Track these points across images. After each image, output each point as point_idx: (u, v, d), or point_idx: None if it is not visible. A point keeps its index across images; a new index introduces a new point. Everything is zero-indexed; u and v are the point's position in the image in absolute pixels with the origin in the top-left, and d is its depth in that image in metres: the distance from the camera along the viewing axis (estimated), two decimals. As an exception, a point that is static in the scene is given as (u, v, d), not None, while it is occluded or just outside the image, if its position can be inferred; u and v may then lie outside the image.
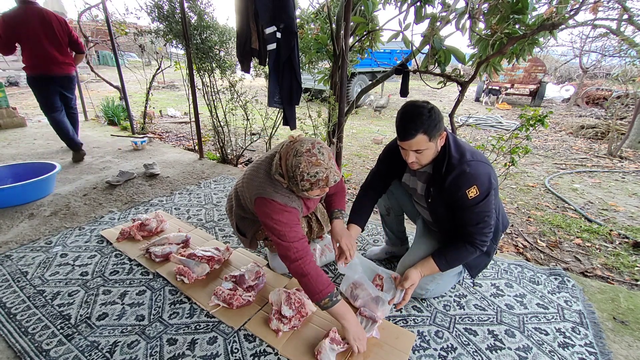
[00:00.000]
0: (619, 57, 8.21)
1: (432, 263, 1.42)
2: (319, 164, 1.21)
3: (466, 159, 1.31)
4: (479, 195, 1.29)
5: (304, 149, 1.22)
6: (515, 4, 1.88)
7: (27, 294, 1.54)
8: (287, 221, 1.30)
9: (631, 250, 2.29)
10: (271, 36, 2.25)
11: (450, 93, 11.86)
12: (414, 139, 1.25)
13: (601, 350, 1.33)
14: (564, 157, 4.87)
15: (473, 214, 1.33)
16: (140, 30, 4.60)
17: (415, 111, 1.25)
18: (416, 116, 1.24)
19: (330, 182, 1.23)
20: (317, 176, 1.21)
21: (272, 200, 1.31)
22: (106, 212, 2.39)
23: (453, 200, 1.34)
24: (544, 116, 2.05)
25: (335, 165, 1.27)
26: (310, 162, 1.20)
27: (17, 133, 4.57)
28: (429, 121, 1.23)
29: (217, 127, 3.46)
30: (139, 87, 5.89)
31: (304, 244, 1.30)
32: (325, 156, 1.23)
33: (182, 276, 1.61)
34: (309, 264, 1.26)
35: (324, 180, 1.22)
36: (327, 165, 1.22)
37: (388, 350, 1.29)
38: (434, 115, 1.25)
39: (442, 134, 1.32)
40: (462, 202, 1.31)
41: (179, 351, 1.27)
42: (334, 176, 1.23)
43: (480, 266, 1.58)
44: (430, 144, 1.28)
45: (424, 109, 1.25)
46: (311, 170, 1.20)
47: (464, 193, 1.29)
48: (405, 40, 2.32)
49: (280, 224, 1.29)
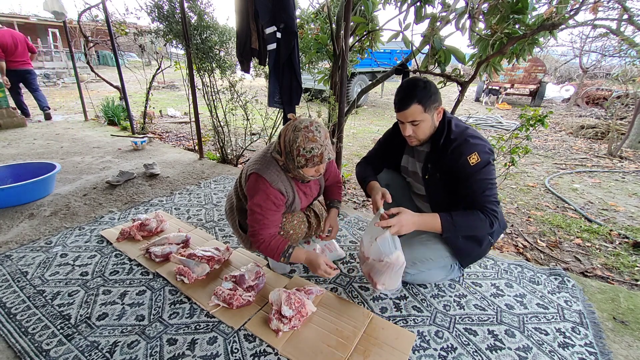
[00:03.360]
0: (619, 57, 8.21)
1: (435, 219, 1.34)
2: (315, 140, 1.28)
3: (467, 133, 1.36)
4: (480, 161, 1.29)
5: (302, 126, 1.30)
6: (515, 4, 1.88)
7: (27, 294, 1.54)
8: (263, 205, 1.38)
9: (631, 250, 2.28)
10: (271, 36, 2.25)
11: (450, 93, 11.86)
12: (409, 108, 1.30)
13: (601, 350, 1.33)
14: (564, 157, 4.87)
15: (477, 182, 1.31)
16: (140, 30, 4.60)
17: (411, 83, 1.32)
18: (411, 87, 1.31)
19: (325, 159, 1.31)
20: (312, 152, 1.28)
21: (264, 178, 1.38)
22: (106, 212, 2.39)
23: (454, 170, 1.33)
24: (544, 116, 2.05)
25: (331, 145, 1.35)
26: (307, 137, 1.28)
27: (17, 133, 4.57)
28: (424, 92, 1.30)
29: (217, 127, 3.46)
30: (139, 87, 5.89)
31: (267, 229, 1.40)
32: (321, 134, 1.31)
33: (182, 276, 1.61)
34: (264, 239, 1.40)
35: (319, 156, 1.29)
36: (323, 142, 1.30)
37: (388, 350, 1.29)
38: (429, 87, 1.31)
39: (439, 108, 1.37)
40: (464, 170, 1.31)
41: (179, 351, 1.27)
42: (328, 154, 1.31)
43: (472, 255, 1.53)
44: (426, 115, 1.32)
45: (419, 81, 1.32)
46: (307, 146, 1.28)
47: (465, 159, 1.29)
48: (405, 40, 2.32)
49: (257, 207, 1.38)
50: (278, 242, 1.42)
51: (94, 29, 6.27)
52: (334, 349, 1.29)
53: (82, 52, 6.64)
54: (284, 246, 1.41)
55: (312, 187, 1.62)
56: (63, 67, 14.16)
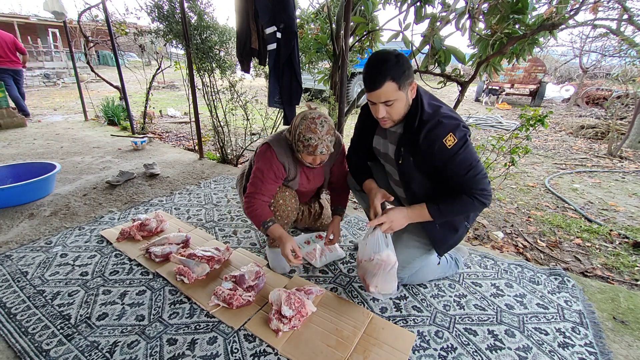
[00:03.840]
0: (619, 57, 8.21)
1: (423, 211, 1.32)
2: (315, 132, 1.41)
3: (440, 113, 1.24)
4: (457, 142, 1.20)
5: (310, 116, 1.43)
6: (515, 4, 1.88)
7: (27, 294, 1.54)
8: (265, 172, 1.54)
9: (631, 250, 2.28)
10: (271, 36, 2.25)
11: (450, 93, 11.86)
12: (382, 87, 1.17)
13: (601, 350, 1.33)
14: (564, 157, 4.87)
15: (457, 164, 1.22)
16: (140, 30, 4.60)
17: (382, 57, 1.17)
18: (382, 62, 1.16)
19: (317, 152, 1.43)
20: (309, 142, 1.41)
21: (273, 149, 1.54)
22: (106, 212, 2.39)
23: (432, 156, 1.23)
24: (544, 116, 2.05)
25: (331, 142, 1.46)
26: (309, 128, 1.41)
27: (17, 133, 4.57)
28: (397, 67, 1.15)
29: (217, 127, 3.46)
30: (139, 87, 5.89)
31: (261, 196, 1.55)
32: (323, 129, 1.42)
33: (182, 276, 1.61)
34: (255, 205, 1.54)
35: (314, 147, 1.42)
36: (321, 137, 1.41)
37: (388, 350, 1.29)
38: (402, 61, 1.17)
39: (413, 83, 1.24)
40: (442, 154, 1.21)
41: (179, 351, 1.27)
42: (322, 148, 1.43)
43: (447, 242, 1.48)
44: (400, 93, 1.20)
45: (390, 54, 1.18)
46: (306, 135, 1.41)
47: (442, 144, 1.19)
48: (405, 40, 2.32)
49: (258, 171, 1.55)
50: (264, 211, 1.56)
51: (94, 29, 6.28)
52: (334, 349, 1.29)
53: (82, 52, 6.64)
54: (268, 217, 1.54)
55: (317, 175, 1.72)
56: (63, 67, 14.16)
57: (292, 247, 1.47)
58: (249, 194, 1.56)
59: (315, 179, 1.74)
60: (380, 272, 1.39)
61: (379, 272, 1.39)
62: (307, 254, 1.85)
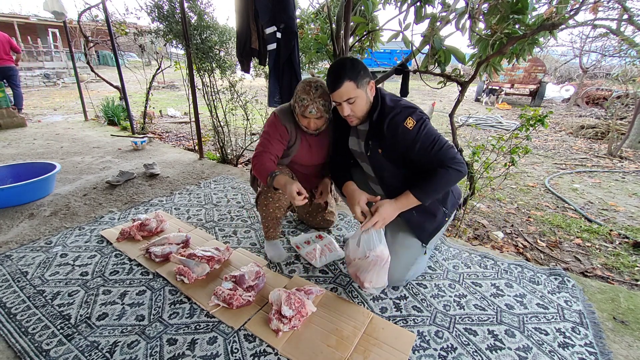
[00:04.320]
0: (619, 57, 8.21)
1: (409, 197, 1.39)
2: (308, 94, 1.52)
3: (400, 104, 1.40)
4: (416, 124, 1.34)
5: (307, 80, 1.56)
6: (515, 4, 1.87)
7: (27, 294, 1.54)
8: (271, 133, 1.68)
9: (631, 250, 2.29)
10: (271, 36, 2.25)
11: (450, 93, 11.86)
12: (342, 86, 1.33)
13: (601, 350, 1.33)
14: (564, 157, 4.87)
15: (422, 142, 1.34)
16: (140, 30, 4.60)
17: (339, 63, 1.37)
18: (340, 66, 1.36)
19: (307, 113, 1.54)
20: (302, 102, 1.53)
21: (277, 114, 1.68)
22: (106, 212, 2.39)
23: (397, 142, 1.37)
24: (544, 116, 2.04)
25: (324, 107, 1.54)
26: (304, 89, 1.53)
27: (17, 133, 4.57)
28: (352, 68, 1.33)
29: (217, 127, 3.46)
30: (139, 87, 5.89)
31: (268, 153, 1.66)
32: (317, 92, 1.51)
33: (182, 276, 1.61)
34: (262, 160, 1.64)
35: (304, 107, 1.53)
36: (313, 98, 1.51)
37: (388, 350, 1.29)
38: (356, 64, 1.35)
39: (371, 83, 1.40)
40: (406, 136, 1.35)
41: (179, 351, 1.27)
42: (312, 108, 1.52)
43: (427, 229, 1.54)
44: (359, 91, 1.36)
45: (346, 60, 1.38)
46: (301, 95, 1.54)
47: (404, 127, 1.34)
48: (405, 40, 2.32)
49: (265, 134, 1.69)
50: (271, 165, 1.65)
51: (94, 29, 6.28)
52: (334, 349, 1.29)
53: (82, 52, 6.64)
54: (272, 169, 1.62)
55: (318, 146, 1.78)
56: (63, 67, 14.17)
57: (298, 189, 1.50)
58: (257, 153, 1.67)
59: (317, 150, 1.79)
60: (374, 267, 1.41)
61: (373, 268, 1.41)
62: (307, 254, 1.85)
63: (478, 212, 2.84)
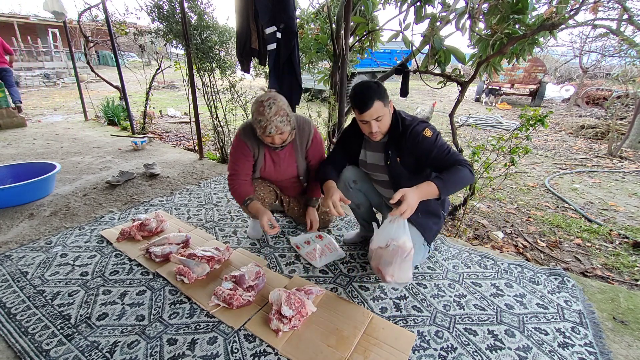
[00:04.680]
0: (619, 57, 8.21)
1: (431, 186, 1.42)
2: (263, 115, 1.53)
3: (415, 119, 1.58)
4: (433, 133, 1.53)
5: (260, 100, 1.56)
6: (515, 4, 1.88)
7: (27, 294, 1.54)
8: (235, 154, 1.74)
9: (631, 250, 2.29)
10: (271, 36, 2.25)
11: (450, 93, 11.86)
12: (373, 107, 1.46)
13: (601, 350, 1.33)
14: (564, 157, 4.87)
15: (438, 148, 1.51)
16: (140, 30, 4.60)
17: (366, 85, 1.49)
18: (368, 89, 1.48)
19: (267, 132, 1.55)
20: (260, 123, 1.55)
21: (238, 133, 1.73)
22: (106, 212, 2.39)
23: (417, 149, 1.52)
24: (544, 116, 2.04)
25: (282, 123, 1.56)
26: (258, 110, 1.54)
27: (17, 133, 4.57)
28: (379, 90, 1.47)
29: (217, 127, 3.46)
30: (139, 87, 5.89)
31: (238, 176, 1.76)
32: (271, 110, 1.53)
33: (182, 276, 1.61)
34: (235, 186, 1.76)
35: (263, 128, 1.55)
36: (269, 117, 1.53)
37: (388, 350, 1.29)
38: (381, 86, 1.50)
39: (390, 102, 1.56)
40: (426, 144, 1.51)
41: (179, 351, 1.27)
42: (271, 128, 1.54)
43: (433, 229, 1.68)
44: (386, 109, 1.51)
45: (371, 82, 1.50)
46: (257, 117, 1.55)
47: (423, 136, 1.51)
48: (405, 40, 2.32)
49: (232, 156, 1.76)
50: (245, 190, 1.76)
51: (94, 29, 6.27)
52: (334, 349, 1.29)
53: (82, 52, 6.64)
54: (247, 195, 1.75)
55: (284, 160, 1.83)
56: (63, 67, 14.16)
57: (269, 219, 1.67)
58: (229, 176, 1.78)
59: (284, 164, 1.83)
60: (396, 259, 1.41)
61: (395, 259, 1.41)
62: (307, 254, 1.85)
63: (478, 212, 2.84)
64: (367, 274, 1.76)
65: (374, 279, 1.72)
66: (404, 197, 1.38)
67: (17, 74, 11.05)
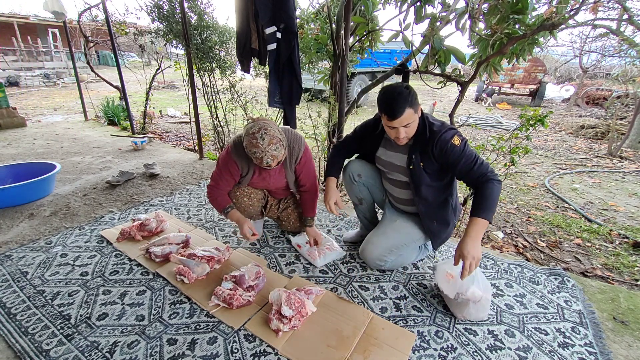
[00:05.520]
0: (619, 57, 8.21)
1: (478, 222, 1.38)
2: (257, 147, 1.51)
3: (445, 125, 1.53)
4: (461, 142, 1.48)
5: (251, 132, 1.52)
6: (515, 4, 1.87)
7: (27, 294, 1.54)
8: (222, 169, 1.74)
9: (631, 250, 2.29)
10: (271, 36, 2.25)
11: (450, 93, 11.86)
12: (404, 114, 1.41)
13: (601, 350, 1.33)
14: (564, 157, 4.87)
15: (467, 157, 1.47)
16: (140, 30, 4.60)
17: (397, 91, 1.42)
18: (399, 95, 1.42)
19: (263, 164, 1.55)
20: (255, 155, 1.54)
21: (230, 150, 1.71)
22: (106, 212, 2.39)
23: (443, 156, 1.48)
24: (544, 116, 2.04)
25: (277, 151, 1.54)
26: (251, 143, 1.52)
27: (17, 133, 4.57)
28: (410, 97, 1.42)
29: (217, 127, 3.46)
30: (139, 87, 5.89)
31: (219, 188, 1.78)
32: (264, 141, 1.50)
33: (182, 276, 1.61)
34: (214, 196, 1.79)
35: (259, 160, 1.54)
36: (264, 149, 1.51)
37: (388, 350, 1.29)
38: (411, 91, 1.44)
39: (419, 107, 1.50)
40: (454, 152, 1.46)
41: (179, 351, 1.27)
42: (267, 159, 1.53)
43: (441, 237, 1.69)
44: (415, 116, 1.47)
45: (402, 87, 1.44)
46: (251, 149, 1.54)
47: (452, 144, 1.46)
48: (405, 40, 2.32)
49: (217, 168, 1.77)
50: (224, 199, 1.80)
51: (94, 29, 6.28)
52: (334, 349, 1.29)
53: (82, 52, 6.63)
54: (227, 204, 1.79)
55: (273, 176, 1.83)
56: (63, 67, 14.17)
57: (249, 227, 1.75)
58: (210, 186, 1.80)
59: (272, 179, 1.84)
60: (466, 307, 1.41)
61: (465, 307, 1.42)
62: (309, 253, 1.85)
63: (478, 212, 2.84)
64: (367, 274, 1.76)
65: (374, 279, 1.72)
66: (464, 256, 1.33)
67: (17, 74, 11.06)
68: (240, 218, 1.77)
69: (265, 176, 1.81)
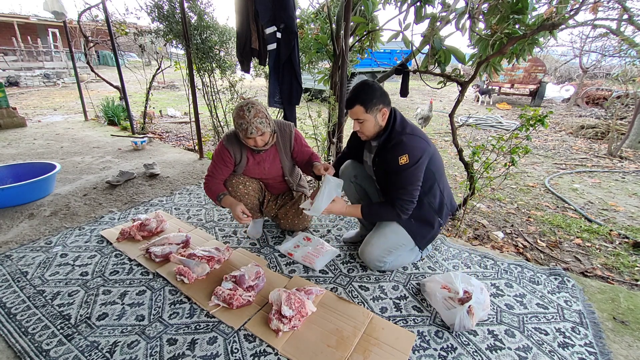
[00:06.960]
0: (619, 57, 8.20)
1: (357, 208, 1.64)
2: (243, 118, 1.61)
3: (406, 131, 1.53)
4: (407, 163, 1.48)
5: (239, 106, 1.64)
6: (515, 4, 1.88)
7: (27, 294, 1.54)
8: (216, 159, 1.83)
9: (631, 250, 2.28)
10: (271, 36, 2.25)
11: (450, 93, 11.86)
12: (353, 108, 1.49)
13: (601, 350, 1.33)
14: (564, 157, 4.87)
15: (399, 178, 1.52)
16: (140, 30, 4.60)
17: (358, 86, 1.49)
18: (357, 90, 1.48)
19: (248, 134, 1.62)
20: (241, 127, 1.62)
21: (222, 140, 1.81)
22: (106, 212, 2.39)
23: (387, 163, 1.54)
24: (544, 116, 2.04)
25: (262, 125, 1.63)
26: (238, 114, 1.62)
27: (17, 133, 4.57)
28: (366, 95, 1.46)
29: (217, 127, 3.46)
30: (139, 87, 5.89)
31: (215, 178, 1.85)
32: (250, 114, 1.61)
33: (182, 276, 1.61)
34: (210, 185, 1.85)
35: (244, 130, 1.62)
36: (249, 120, 1.60)
37: (388, 350, 1.29)
38: (372, 91, 1.47)
39: (383, 110, 1.52)
40: (393, 166, 1.51)
41: (179, 351, 1.27)
42: (252, 129, 1.61)
43: (426, 237, 1.72)
44: (368, 115, 1.50)
45: (365, 85, 1.49)
46: (238, 121, 1.63)
47: (397, 158, 1.49)
48: (405, 40, 2.32)
49: (213, 161, 1.85)
50: (218, 187, 1.85)
51: (94, 29, 6.27)
52: (334, 349, 1.29)
53: (82, 52, 6.64)
54: (220, 192, 1.83)
55: (267, 160, 1.89)
56: (63, 67, 14.17)
57: (242, 209, 1.75)
58: (207, 177, 1.87)
59: (267, 164, 1.89)
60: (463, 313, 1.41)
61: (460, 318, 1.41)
62: (304, 258, 1.83)
63: (478, 212, 2.84)
64: (367, 274, 1.76)
65: (374, 279, 1.72)
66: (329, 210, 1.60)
67: (17, 74, 11.06)
68: (232, 202, 1.79)
69: (259, 160, 1.87)
